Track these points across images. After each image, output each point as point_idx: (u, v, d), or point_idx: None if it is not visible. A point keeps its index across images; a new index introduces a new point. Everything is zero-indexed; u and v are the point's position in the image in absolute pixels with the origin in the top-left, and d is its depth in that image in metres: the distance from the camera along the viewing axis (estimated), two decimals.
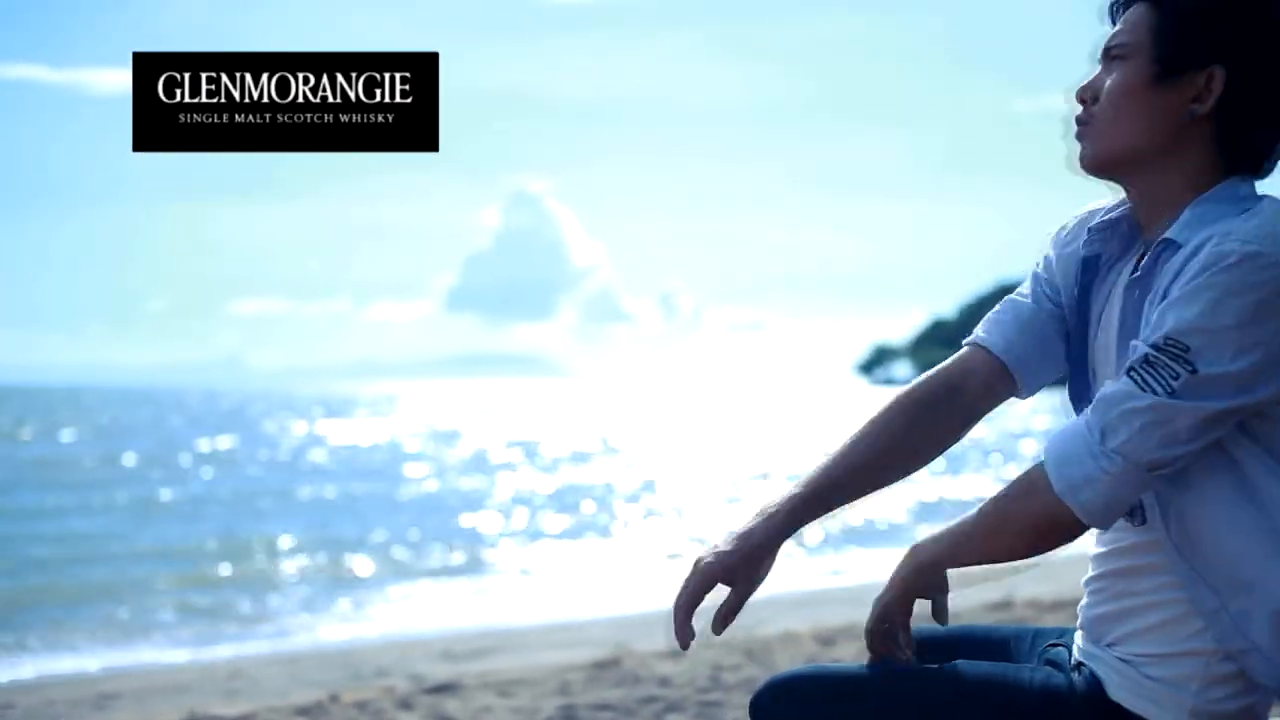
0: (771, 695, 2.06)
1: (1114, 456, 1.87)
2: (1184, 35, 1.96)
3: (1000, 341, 2.18)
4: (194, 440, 41.87)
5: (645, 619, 9.89)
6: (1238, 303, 1.83)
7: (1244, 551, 1.92)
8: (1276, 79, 1.95)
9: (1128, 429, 1.87)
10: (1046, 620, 7.27)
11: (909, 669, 2.07)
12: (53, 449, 37.36)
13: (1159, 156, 1.99)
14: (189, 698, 6.81)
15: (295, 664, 8.20)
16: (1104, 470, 1.88)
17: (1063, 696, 2.02)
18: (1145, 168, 2.00)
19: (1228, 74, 1.94)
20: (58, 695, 7.11)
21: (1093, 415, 1.90)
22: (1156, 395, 1.85)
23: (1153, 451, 1.87)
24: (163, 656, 9.01)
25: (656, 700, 5.80)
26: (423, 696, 6.23)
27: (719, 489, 23.17)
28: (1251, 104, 1.95)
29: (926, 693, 2.03)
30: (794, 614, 9.31)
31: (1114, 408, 1.88)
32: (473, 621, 10.59)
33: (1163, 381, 1.85)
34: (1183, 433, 1.86)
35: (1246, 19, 1.95)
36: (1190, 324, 1.84)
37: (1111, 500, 1.90)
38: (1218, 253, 1.84)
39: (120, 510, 19.40)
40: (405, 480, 26.50)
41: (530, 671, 6.93)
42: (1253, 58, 1.94)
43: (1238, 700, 1.97)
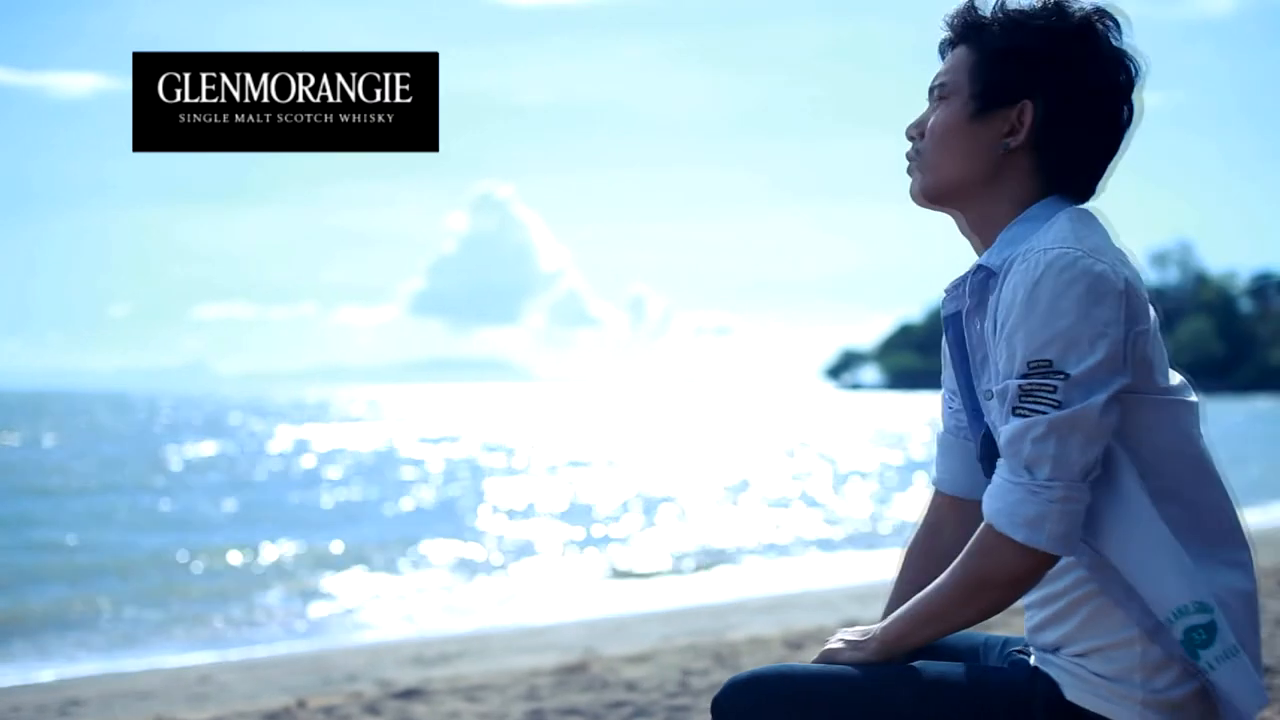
0: (733, 695, 2.09)
1: (1051, 485, 1.96)
2: (997, 74, 2.13)
3: (945, 477, 2.39)
4: (180, 445, 41.68)
5: (613, 623, 9.91)
6: (1066, 301, 1.96)
7: (1118, 536, 2.01)
8: (1082, 109, 2.11)
9: (1046, 455, 1.96)
10: (1016, 626, 7.31)
11: (869, 669, 2.10)
12: (38, 454, 37.10)
13: (982, 186, 2.15)
14: (155, 703, 6.78)
15: (263, 669, 8.17)
16: (1049, 501, 1.96)
17: (1022, 699, 2.06)
18: (971, 198, 2.16)
19: (1038, 107, 2.11)
20: (23, 701, 7.07)
21: (1009, 463, 2.00)
22: (1048, 415, 1.96)
23: (1078, 461, 1.96)
24: (129, 662, 8.96)
25: (624, 705, 5.80)
26: (390, 701, 6.22)
27: (683, 497, 23.18)
28: (1062, 133, 2.11)
29: (887, 692, 2.07)
30: (763, 618, 9.34)
31: (1022, 445, 1.98)
32: (442, 626, 10.58)
33: (1046, 401, 1.96)
34: (1091, 431, 1.96)
35: (1052, 57, 2.10)
36: (1039, 340, 1.96)
37: (1070, 523, 1.98)
38: (1026, 268, 1.99)
39: (98, 517, 19.25)
40: (397, 485, 26.39)
41: (498, 676, 6.93)
42: (1059, 91, 2.10)
43: (1182, 687, 2.02)
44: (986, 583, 2.03)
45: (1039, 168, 2.14)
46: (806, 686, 2.07)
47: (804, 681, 2.08)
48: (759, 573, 13.48)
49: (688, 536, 16.89)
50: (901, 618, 2.11)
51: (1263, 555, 11.59)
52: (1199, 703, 2.03)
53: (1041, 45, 2.11)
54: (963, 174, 2.16)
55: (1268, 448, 33.98)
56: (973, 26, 2.17)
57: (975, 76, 2.15)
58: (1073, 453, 1.95)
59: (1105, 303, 1.96)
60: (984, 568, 2.02)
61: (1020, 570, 2.00)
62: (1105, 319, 1.96)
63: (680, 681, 6.33)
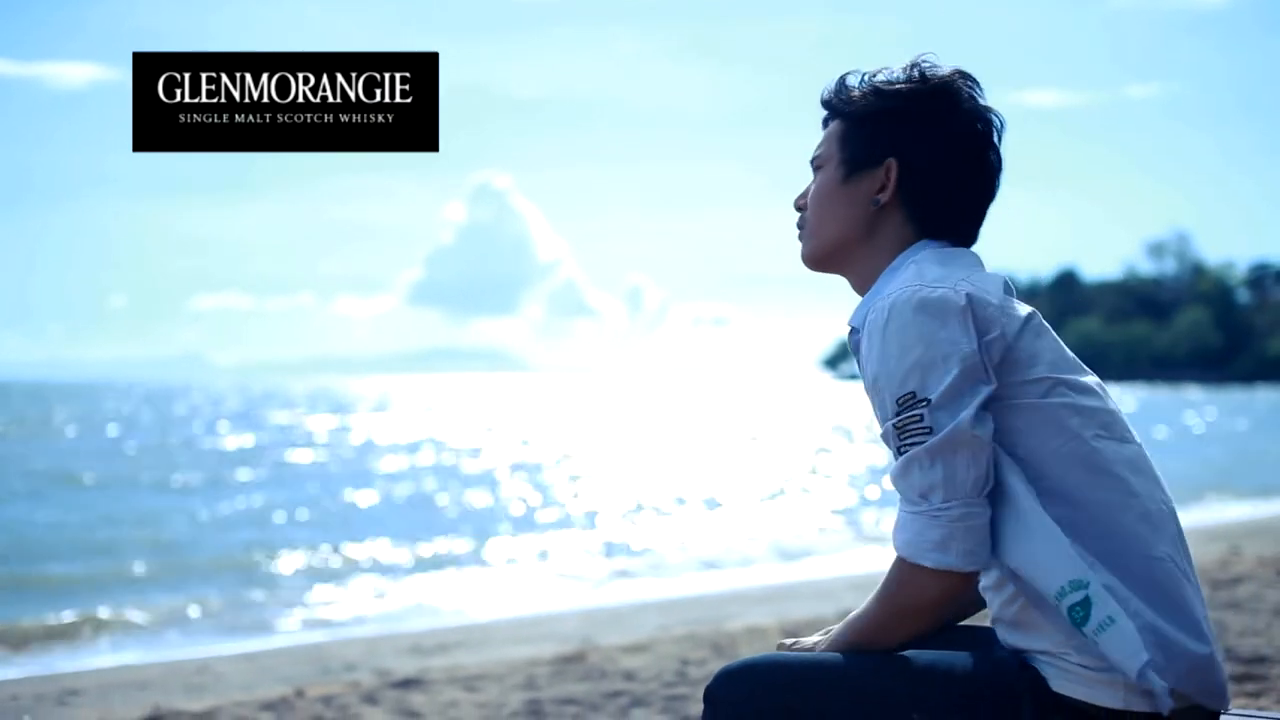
0: (725, 683, 2.12)
1: (948, 506, 2.04)
2: (862, 138, 2.28)
3: None
4: (216, 435, 41.74)
5: (611, 613, 9.92)
6: (911, 334, 2.06)
7: (1009, 539, 2.08)
8: (944, 160, 2.23)
9: (936, 482, 2.05)
10: None
11: (860, 657, 2.14)
12: (102, 443, 37.22)
13: (861, 244, 2.28)
14: (153, 694, 6.79)
15: (262, 659, 8.18)
16: (950, 522, 2.04)
17: (1011, 690, 2.09)
18: (853, 256, 2.29)
19: (900, 164, 2.25)
20: (21, 691, 7.08)
21: (903, 498, 2.09)
22: (925, 443, 2.04)
23: (966, 478, 2.04)
24: (127, 653, 8.96)
25: (622, 694, 5.82)
26: (388, 691, 6.24)
27: (678, 489, 23.19)
28: (927, 184, 2.24)
29: (877, 680, 2.10)
30: (760, 608, 9.35)
31: (910, 478, 2.07)
32: (440, 616, 10.59)
33: (919, 431, 2.05)
34: (970, 446, 2.04)
35: (911, 115, 2.24)
36: (897, 378, 2.07)
37: (976, 539, 2.06)
38: (874, 318, 2.11)
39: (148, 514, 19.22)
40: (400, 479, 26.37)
41: (496, 666, 6.95)
42: (920, 146, 2.24)
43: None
44: (908, 611, 2.12)
45: (910, 218, 2.26)
46: (798, 675, 2.10)
47: (795, 670, 2.11)
48: (756, 564, 13.50)
49: (685, 538, 16.89)
50: (834, 643, 2.21)
51: (1262, 545, 11.47)
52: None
53: (901, 106, 2.25)
54: (841, 233, 2.29)
55: None
56: (842, 101, 2.31)
57: (844, 144, 2.29)
58: (959, 471, 2.04)
59: (949, 323, 2.06)
60: (903, 598, 2.11)
61: (939, 594, 2.08)
62: (951, 338, 2.06)
63: (678, 671, 6.35)
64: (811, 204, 2.33)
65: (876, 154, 2.26)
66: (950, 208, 2.25)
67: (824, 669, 2.11)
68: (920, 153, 2.23)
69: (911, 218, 2.25)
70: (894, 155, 2.24)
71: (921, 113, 2.24)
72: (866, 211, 2.27)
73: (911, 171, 2.24)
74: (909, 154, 2.24)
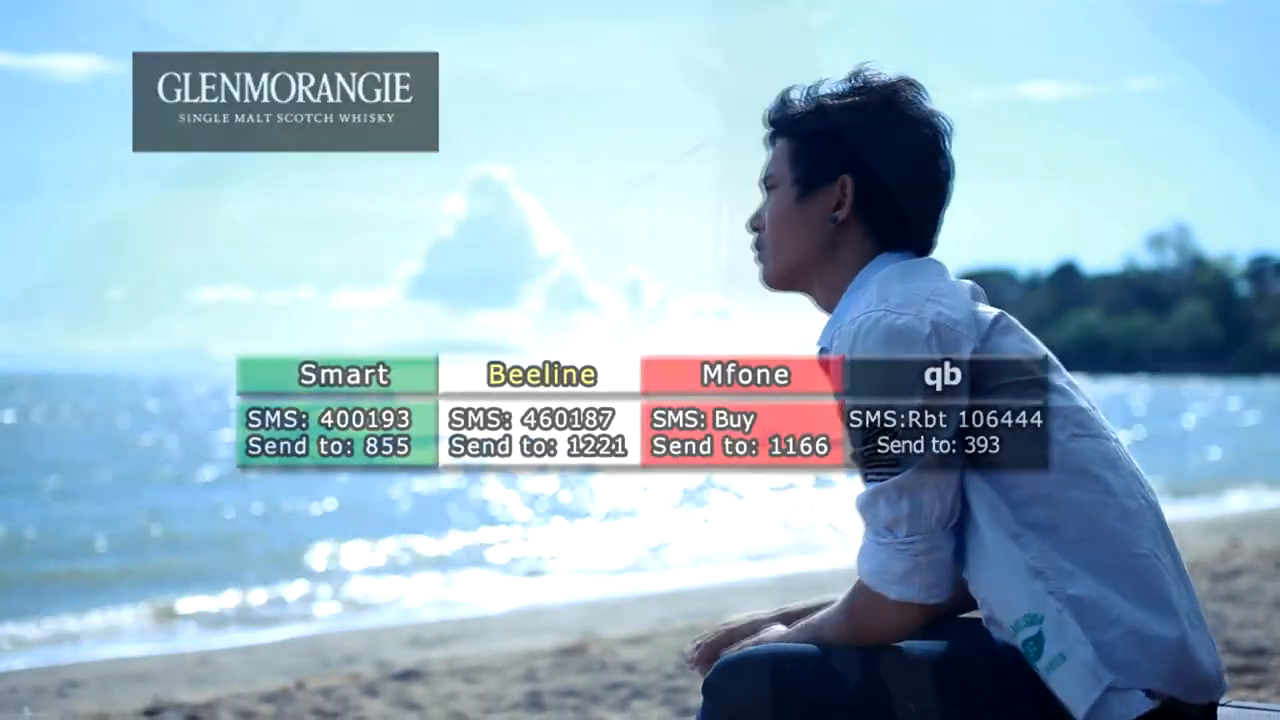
0: (724, 674, 2.14)
1: (912, 540, 2.06)
2: (814, 156, 2.28)
3: None
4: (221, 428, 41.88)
5: (611, 605, 9.93)
6: (879, 365, 2.07)
7: (972, 563, 2.10)
8: (897, 171, 2.24)
9: (901, 515, 2.06)
10: None
11: (859, 648, 2.13)
12: (114, 434, 37.35)
13: (821, 262, 2.29)
14: (154, 685, 6.79)
15: (262, 652, 8.19)
16: (913, 555, 2.06)
17: (1010, 680, 2.09)
18: (814, 275, 2.30)
19: (855, 179, 2.25)
20: (20, 683, 7.08)
21: (868, 527, 2.10)
22: (893, 476, 2.05)
23: (932, 512, 2.06)
24: (127, 645, 8.97)
25: (622, 686, 5.82)
26: (388, 683, 6.24)
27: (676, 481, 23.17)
28: (883, 196, 2.24)
29: (875, 670, 2.10)
30: (759, 601, 9.35)
31: (876, 509, 2.08)
32: (440, 608, 10.59)
33: (885, 462, 2.06)
34: (937, 481, 2.05)
35: (860, 129, 2.25)
36: (863, 406, 2.07)
37: (939, 572, 2.08)
38: (840, 345, 2.13)
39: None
40: None
41: (496, 658, 6.95)
42: (872, 160, 2.25)
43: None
44: (865, 637, 2.12)
45: (869, 232, 2.27)
46: (796, 666, 2.10)
47: (794, 661, 2.11)
48: (757, 557, 13.51)
49: (684, 530, 16.89)
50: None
51: (1262, 537, 11.45)
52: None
53: (849, 121, 2.26)
54: (802, 253, 2.30)
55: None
56: (787, 118, 2.32)
57: (795, 163, 2.30)
58: (925, 505, 2.05)
59: (914, 350, 2.07)
60: (866, 624, 2.12)
61: (899, 625, 2.11)
62: (917, 360, 2.07)
63: (678, 663, 6.35)
64: (769, 226, 2.34)
65: (830, 171, 2.27)
66: (904, 218, 2.27)
67: (822, 660, 2.11)
68: (873, 166, 2.25)
69: (870, 232, 2.27)
70: (848, 171, 2.26)
71: (870, 125, 2.25)
72: (825, 230, 2.28)
73: (866, 186, 2.25)
74: (862, 169, 2.25)
